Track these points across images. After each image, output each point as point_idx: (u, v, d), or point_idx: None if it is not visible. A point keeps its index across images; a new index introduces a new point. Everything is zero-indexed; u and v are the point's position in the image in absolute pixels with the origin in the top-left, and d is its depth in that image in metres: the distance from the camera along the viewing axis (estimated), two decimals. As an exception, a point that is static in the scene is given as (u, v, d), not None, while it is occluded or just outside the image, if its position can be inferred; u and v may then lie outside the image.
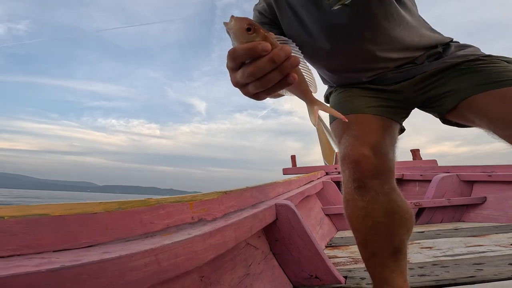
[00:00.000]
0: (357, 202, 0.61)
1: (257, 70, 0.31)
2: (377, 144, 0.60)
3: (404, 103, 0.68)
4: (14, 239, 0.32)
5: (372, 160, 0.58)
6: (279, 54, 0.30)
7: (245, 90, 0.34)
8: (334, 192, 2.09)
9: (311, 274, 0.92)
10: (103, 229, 0.41)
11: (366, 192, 0.59)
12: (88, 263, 0.30)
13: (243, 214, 0.72)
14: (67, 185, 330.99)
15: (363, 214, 0.60)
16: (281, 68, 0.31)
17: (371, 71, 0.66)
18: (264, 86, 0.32)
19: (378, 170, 0.59)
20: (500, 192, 2.02)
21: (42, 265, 0.28)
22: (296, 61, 0.31)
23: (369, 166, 0.58)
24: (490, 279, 0.87)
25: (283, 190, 1.27)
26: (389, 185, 0.60)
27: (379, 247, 0.62)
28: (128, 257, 0.35)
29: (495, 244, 1.30)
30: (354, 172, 0.60)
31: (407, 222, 0.61)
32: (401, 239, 0.61)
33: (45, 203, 0.38)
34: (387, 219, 0.60)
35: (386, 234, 0.61)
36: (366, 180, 0.59)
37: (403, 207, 0.61)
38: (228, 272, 0.67)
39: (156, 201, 0.53)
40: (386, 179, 0.60)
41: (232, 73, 0.34)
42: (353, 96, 0.69)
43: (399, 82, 0.66)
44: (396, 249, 0.61)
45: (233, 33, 0.32)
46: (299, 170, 2.66)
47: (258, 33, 0.32)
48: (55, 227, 0.36)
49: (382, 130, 0.64)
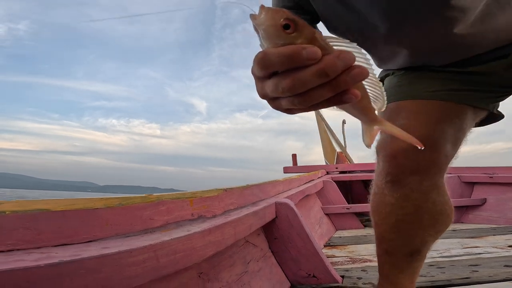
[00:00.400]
0: (385, 197, 0.55)
1: (298, 84, 0.22)
2: (427, 136, 0.50)
3: (494, 85, 0.54)
4: (15, 233, 0.32)
5: (413, 155, 0.50)
6: (334, 64, 0.21)
7: (276, 104, 0.26)
8: (334, 192, 2.09)
9: (309, 273, 0.93)
10: (103, 224, 0.42)
11: (399, 188, 0.53)
12: (87, 258, 0.31)
13: (243, 211, 0.73)
14: (68, 185, 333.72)
15: (388, 210, 0.55)
16: (336, 83, 0.22)
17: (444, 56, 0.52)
18: (305, 103, 0.24)
19: (420, 165, 0.51)
20: (500, 193, 2.02)
21: (41, 259, 0.28)
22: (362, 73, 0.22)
23: (407, 162, 0.51)
24: (485, 281, 0.88)
25: (283, 188, 1.27)
26: (431, 182, 0.53)
27: (395, 245, 0.57)
28: (127, 253, 0.35)
29: (491, 246, 1.30)
30: (389, 166, 0.53)
31: (438, 224, 0.56)
32: (424, 240, 0.56)
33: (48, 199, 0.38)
34: (413, 218, 0.54)
35: (408, 234, 0.56)
36: (402, 176, 0.52)
37: (440, 207, 0.55)
38: (227, 269, 0.68)
39: (156, 198, 0.53)
40: (428, 175, 0.52)
41: (259, 82, 0.25)
42: (413, 78, 0.56)
43: (486, 62, 0.52)
44: (414, 250, 0.57)
45: (263, 30, 0.23)
46: (299, 169, 2.66)
47: (301, 31, 0.22)
48: (56, 222, 0.36)
49: (442, 119, 0.52)
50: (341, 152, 3.12)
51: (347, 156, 3.11)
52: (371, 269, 1.05)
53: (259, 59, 0.23)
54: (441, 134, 0.52)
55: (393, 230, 0.57)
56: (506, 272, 0.93)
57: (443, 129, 0.52)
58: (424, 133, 0.51)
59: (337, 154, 3.08)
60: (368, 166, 2.59)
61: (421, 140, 0.50)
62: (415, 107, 0.54)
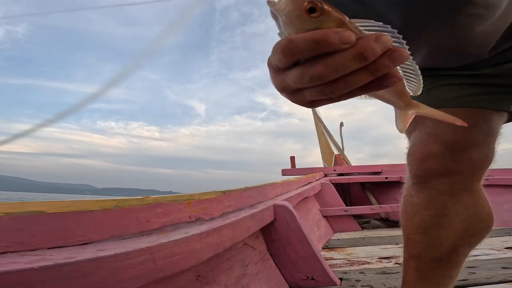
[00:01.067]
0: (412, 198, 0.55)
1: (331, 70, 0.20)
2: (458, 143, 0.51)
3: (509, 86, 0.54)
4: (8, 235, 0.32)
5: (443, 159, 0.51)
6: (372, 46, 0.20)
7: (298, 97, 0.24)
8: (332, 194, 2.09)
9: (307, 276, 0.92)
10: (98, 227, 0.41)
11: (425, 189, 0.53)
12: (82, 260, 0.30)
13: (241, 214, 0.72)
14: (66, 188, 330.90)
15: (414, 211, 0.55)
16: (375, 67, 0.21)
17: (461, 56, 0.50)
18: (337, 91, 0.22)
19: (450, 169, 0.51)
20: (496, 196, 2.03)
21: (36, 262, 0.28)
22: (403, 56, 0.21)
23: (436, 165, 0.51)
24: (483, 283, 0.88)
25: (281, 191, 1.27)
26: (462, 185, 0.52)
27: (421, 248, 0.55)
28: (123, 255, 0.34)
29: (488, 248, 1.31)
30: (417, 169, 0.53)
31: (471, 229, 0.53)
32: (455, 245, 0.53)
33: (42, 201, 0.38)
34: (442, 220, 0.53)
35: (435, 237, 0.53)
36: (429, 178, 0.52)
37: (473, 211, 0.53)
38: (225, 272, 0.67)
39: (153, 200, 0.52)
40: (459, 178, 0.52)
41: (279, 73, 0.23)
42: (430, 85, 0.55)
43: (500, 64, 0.51)
44: (443, 256, 0.54)
45: (285, 16, 0.21)
46: (298, 171, 2.66)
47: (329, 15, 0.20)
48: (50, 224, 0.36)
49: (472, 125, 0.51)
50: (339, 155, 3.13)
51: (344, 159, 3.12)
52: (370, 271, 1.05)
53: (283, 46, 0.21)
54: (470, 140, 0.52)
55: (419, 231, 0.55)
56: (504, 274, 0.94)
57: (471, 134, 0.52)
58: (452, 140, 0.51)
59: (335, 157, 3.09)
60: (366, 169, 2.60)
61: (452, 144, 0.50)
62: None
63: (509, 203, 1.92)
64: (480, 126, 0.53)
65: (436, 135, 0.53)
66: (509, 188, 1.96)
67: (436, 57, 0.52)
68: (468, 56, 0.51)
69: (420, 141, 0.54)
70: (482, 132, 0.53)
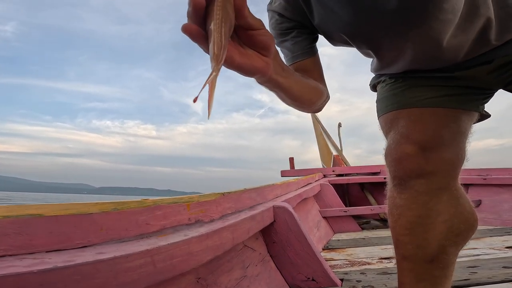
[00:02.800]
0: (395, 199, 0.56)
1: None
2: (428, 142, 0.53)
3: (481, 88, 0.57)
4: (6, 239, 0.31)
5: (417, 159, 0.52)
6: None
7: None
8: (331, 195, 2.09)
9: (308, 277, 0.92)
10: (97, 229, 0.41)
11: (405, 190, 0.54)
12: (81, 263, 0.30)
13: (240, 215, 0.72)
14: (63, 187, 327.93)
15: (398, 212, 0.56)
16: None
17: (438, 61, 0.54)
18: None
19: (424, 169, 0.52)
20: (495, 195, 2.03)
21: (34, 265, 0.28)
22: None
23: (412, 165, 0.53)
24: (485, 282, 0.88)
25: (281, 192, 1.27)
26: (439, 185, 0.53)
27: (411, 249, 0.56)
28: (123, 258, 0.34)
29: (489, 247, 1.31)
30: (394, 170, 0.55)
31: (455, 228, 0.54)
32: (442, 245, 0.54)
33: (40, 203, 0.37)
34: (426, 221, 0.53)
35: (422, 237, 0.54)
36: (408, 179, 0.53)
37: (454, 210, 0.54)
38: (225, 274, 0.67)
39: (152, 202, 0.52)
40: (435, 178, 0.53)
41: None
42: (405, 87, 0.59)
43: (471, 68, 0.54)
44: (433, 256, 0.54)
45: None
46: (297, 173, 2.66)
47: None
48: (49, 228, 0.35)
49: (441, 124, 0.55)
50: (338, 155, 3.13)
51: (343, 159, 3.12)
52: (370, 272, 1.05)
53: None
54: (439, 139, 0.54)
55: (405, 232, 0.56)
56: (505, 273, 0.93)
57: (440, 134, 0.54)
58: (429, 137, 0.53)
59: (333, 157, 3.10)
60: (365, 169, 2.60)
61: (425, 144, 0.52)
62: (412, 115, 0.56)
63: (508, 203, 1.93)
64: (450, 125, 0.55)
65: (408, 135, 0.54)
66: (509, 188, 1.96)
67: (417, 62, 0.55)
68: (444, 60, 0.54)
69: (394, 142, 0.55)
70: (451, 131, 0.55)
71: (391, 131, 0.58)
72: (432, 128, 0.54)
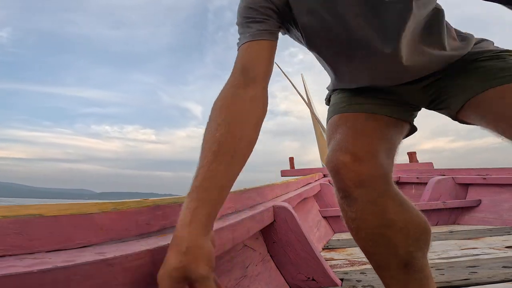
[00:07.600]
0: (347, 213, 0.55)
1: None
2: (362, 149, 0.54)
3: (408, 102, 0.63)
4: (6, 239, 0.31)
5: (353, 167, 0.52)
6: None
7: None
8: (331, 194, 2.09)
9: (308, 277, 0.92)
10: (97, 229, 0.41)
11: (352, 202, 0.54)
12: (81, 263, 0.30)
13: (240, 215, 0.72)
14: (63, 193, 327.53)
15: (355, 226, 0.55)
16: None
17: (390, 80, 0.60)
18: None
19: (361, 178, 0.52)
20: (494, 195, 2.04)
21: (34, 265, 0.27)
22: None
23: (350, 175, 0.53)
24: (485, 282, 0.88)
25: (281, 192, 1.27)
26: (380, 193, 0.53)
27: (383, 259, 0.56)
28: (123, 258, 0.34)
29: (489, 247, 1.31)
30: (336, 181, 0.55)
31: (411, 233, 0.54)
32: (408, 251, 0.54)
33: (40, 203, 0.37)
34: (384, 230, 0.53)
35: (387, 245, 0.54)
36: (350, 190, 0.53)
37: (403, 216, 0.54)
38: (225, 274, 0.67)
39: (152, 202, 0.52)
40: (374, 187, 0.53)
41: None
42: (347, 96, 0.65)
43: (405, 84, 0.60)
44: (406, 262, 0.54)
45: None
46: (297, 172, 2.66)
47: None
48: (49, 228, 0.35)
49: (374, 130, 0.58)
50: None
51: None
52: (370, 272, 1.05)
53: None
54: (375, 144, 0.56)
55: (369, 244, 0.56)
56: (505, 273, 0.93)
57: (377, 139, 0.57)
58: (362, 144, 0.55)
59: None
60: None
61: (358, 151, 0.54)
62: (348, 122, 0.61)
63: (508, 202, 1.93)
64: (387, 131, 0.59)
65: (343, 142, 0.56)
66: (509, 187, 1.96)
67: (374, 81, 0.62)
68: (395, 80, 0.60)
69: (331, 150, 0.57)
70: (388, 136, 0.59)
71: (332, 137, 0.60)
72: (364, 136, 0.57)
